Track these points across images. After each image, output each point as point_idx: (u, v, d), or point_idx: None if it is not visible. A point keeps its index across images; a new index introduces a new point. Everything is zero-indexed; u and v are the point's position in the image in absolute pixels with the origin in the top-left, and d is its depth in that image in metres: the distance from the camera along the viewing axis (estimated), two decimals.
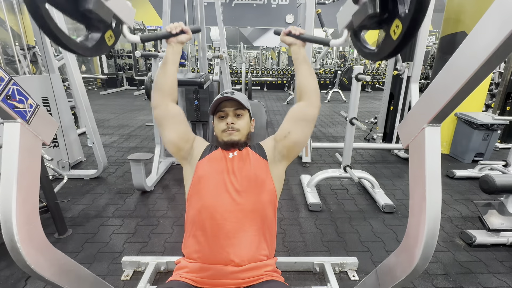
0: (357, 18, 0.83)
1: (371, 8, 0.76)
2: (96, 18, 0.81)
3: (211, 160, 1.03)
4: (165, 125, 1.04)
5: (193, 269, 0.90)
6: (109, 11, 0.84)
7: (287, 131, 1.04)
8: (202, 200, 0.95)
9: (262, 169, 1.01)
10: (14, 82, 0.69)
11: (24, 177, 0.71)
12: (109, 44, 0.92)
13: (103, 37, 0.89)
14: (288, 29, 1.04)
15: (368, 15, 0.76)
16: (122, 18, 0.91)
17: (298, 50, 1.05)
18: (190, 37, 1.05)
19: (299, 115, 1.04)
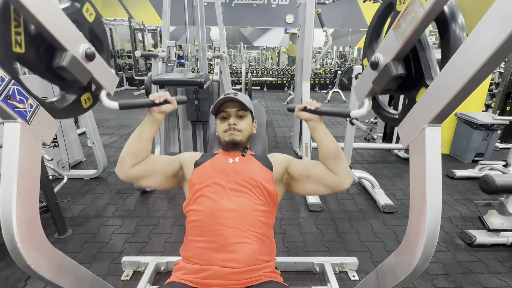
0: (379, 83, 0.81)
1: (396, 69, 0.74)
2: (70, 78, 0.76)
3: (211, 164, 1.02)
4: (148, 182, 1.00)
5: (191, 271, 0.89)
6: (86, 73, 0.79)
7: (305, 175, 1.00)
8: (201, 205, 0.94)
9: (265, 177, 1.00)
10: (15, 82, 0.69)
11: (24, 177, 0.71)
12: (85, 106, 0.87)
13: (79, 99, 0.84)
14: (303, 105, 0.99)
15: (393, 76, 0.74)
16: (102, 83, 0.86)
17: (318, 126, 0.98)
18: (175, 107, 1.00)
19: (326, 183, 0.97)
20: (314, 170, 1.00)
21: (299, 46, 3.41)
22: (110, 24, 8.81)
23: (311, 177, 1.00)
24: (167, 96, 0.98)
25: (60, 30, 0.72)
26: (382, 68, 0.78)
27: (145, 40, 9.69)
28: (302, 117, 1.00)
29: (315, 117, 0.98)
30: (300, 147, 3.42)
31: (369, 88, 0.86)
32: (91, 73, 0.81)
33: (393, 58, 0.75)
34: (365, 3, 4.00)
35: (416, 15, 0.67)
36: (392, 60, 0.75)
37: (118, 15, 9.46)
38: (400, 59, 0.75)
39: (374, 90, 0.85)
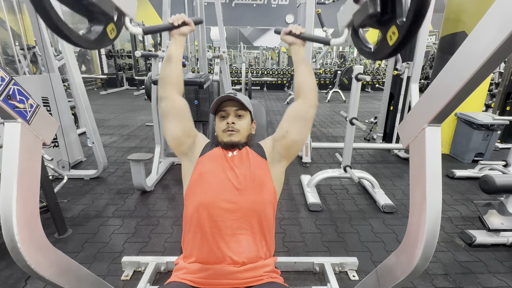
0: (357, 17, 0.84)
1: (371, 7, 0.77)
2: (98, 10, 0.81)
3: (210, 158, 1.03)
4: (169, 117, 1.04)
5: (191, 270, 0.90)
6: (111, 4, 0.84)
7: (285, 131, 1.04)
8: (201, 197, 0.94)
9: (262, 168, 1.01)
10: (15, 82, 0.69)
11: (24, 177, 0.71)
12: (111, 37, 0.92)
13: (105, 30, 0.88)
14: (288, 28, 1.04)
15: (369, 14, 0.77)
16: (124, 11, 0.91)
17: (298, 49, 1.05)
18: (192, 28, 1.05)
19: (297, 114, 1.04)
20: (287, 120, 1.05)
21: None
22: None
23: (289, 128, 1.04)
24: (184, 18, 1.02)
25: None
26: (362, 3, 0.81)
27: (145, 40, 9.70)
28: (287, 40, 1.05)
29: (298, 41, 1.04)
30: None
31: (349, 19, 0.89)
32: (115, 3, 0.86)
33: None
34: None
35: None
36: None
37: None
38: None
39: (353, 22, 0.89)
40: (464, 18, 3.09)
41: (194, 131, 1.10)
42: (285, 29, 1.05)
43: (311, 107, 1.04)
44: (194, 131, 1.10)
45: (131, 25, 0.94)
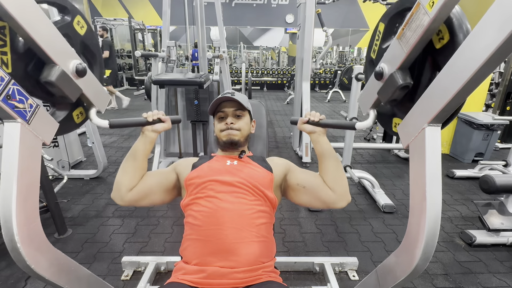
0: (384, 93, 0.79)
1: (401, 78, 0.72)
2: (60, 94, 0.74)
3: (208, 166, 1.02)
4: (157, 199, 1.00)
5: (190, 271, 0.89)
6: (76, 89, 0.77)
7: (302, 186, 0.99)
8: (199, 206, 0.93)
9: (264, 180, 0.99)
10: (14, 82, 0.69)
11: (24, 177, 0.71)
12: (77, 122, 0.85)
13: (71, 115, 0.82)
14: (306, 118, 0.97)
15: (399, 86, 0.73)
16: (92, 101, 0.83)
17: (321, 139, 0.97)
18: (168, 127, 1.00)
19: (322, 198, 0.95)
20: (312, 182, 0.98)
21: (299, 46, 3.41)
22: (110, 24, 8.81)
23: (307, 188, 0.98)
24: (161, 115, 0.98)
25: (51, 44, 0.71)
26: (387, 78, 0.77)
27: (145, 40, 9.70)
28: (305, 130, 0.99)
29: (318, 129, 0.97)
30: (300, 147, 3.42)
31: (374, 98, 0.84)
32: (82, 89, 0.79)
33: (398, 68, 0.74)
34: (365, 3, 4.00)
35: (421, 22, 0.66)
36: (397, 69, 0.74)
37: (118, 15, 9.47)
38: (405, 68, 0.74)
39: (379, 101, 0.83)
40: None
41: (171, 175, 1.04)
42: (302, 119, 0.98)
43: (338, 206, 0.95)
44: (172, 175, 1.04)
45: (96, 118, 0.87)
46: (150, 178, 1.00)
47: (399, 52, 0.73)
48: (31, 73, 0.73)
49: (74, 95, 0.78)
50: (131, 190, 0.95)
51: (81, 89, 0.79)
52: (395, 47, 0.75)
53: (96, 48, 0.93)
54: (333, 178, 0.95)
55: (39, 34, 0.68)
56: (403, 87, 0.73)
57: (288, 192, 1.04)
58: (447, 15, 0.65)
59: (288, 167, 1.06)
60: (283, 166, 1.06)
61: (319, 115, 0.97)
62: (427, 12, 0.64)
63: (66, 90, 0.74)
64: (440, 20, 0.65)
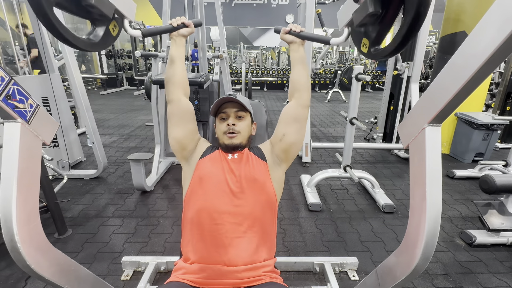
0: (357, 16, 0.84)
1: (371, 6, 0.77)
2: (98, 13, 0.83)
3: (211, 160, 1.03)
4: (175, 120, 1.04)
5: (191, 270, 0.89)
6: (110, 5, 0.85)
7: (281, 134, 1.04)
8: (201, 200, 0.94)
9: (262, 171, 1.01)
10: (15, 82, 0.69)
11: (24, 177, 0.71)
12: (114, 34, 0.94)
13: (108, 29, 0.91)
14: (288, 27, 1.04)
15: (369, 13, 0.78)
16: (123, 13, 0.92)
17: (297, 48, 1.05)
18: (192, 30, 1.06)
19: (293, 116, 1.05)
20: (283, 123, 1.06)
21: None
22: None
23: (287, 131, 1.04)
24: (184, 20, 1.03)
25: None
26: (362, 2, 0.81)
27: (145, 40, 9.69)
28: (287, 40, 1.05)
29: (298, 40, 1.04)
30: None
31: (349, 18, 0.89)
32: (114, 5, 0.87)
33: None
34: None
35: None
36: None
37: None
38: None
39: (353, 21, 0.89)
40: (464, 18, 3.09)
41: (197, 135, 1.10)
42: (285, 28, 1.05)
43: (303, 108, 1.05)
44: (197, 136, 1.10)
45: (130, 28, 0.95)
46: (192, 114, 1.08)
47: None
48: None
49: (110, 11, 0.86)
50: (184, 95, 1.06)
51: (114, 5, 0.87)
52: None
53: None
54: (299, 76, 1.06)
55: None
56: (372, 14, 0.79)
57: (282, 150, 1.05)
58: None
59: (269, 142, 1.11)
60: (268, 146, 1.10)
61: (300, 27, 1.04)
62: None
63: (103, 8, 0.83)
64: None
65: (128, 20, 0.95)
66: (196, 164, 1.03)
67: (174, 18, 1.03)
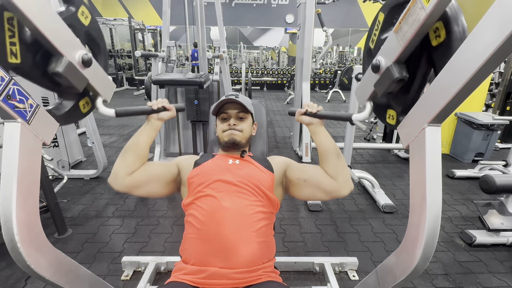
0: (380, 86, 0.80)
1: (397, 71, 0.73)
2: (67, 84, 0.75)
3: (209, 165, 1.02)
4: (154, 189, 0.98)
5: (190, 271, 0.89)
6: (83, 79, 0.78)
7: (303, 179, 0.98)
8: (200, 204, 0.93)
9: (266, 180, 0.99)
10: (15, 82, 0.69)
11: (24, 177, 0.71)
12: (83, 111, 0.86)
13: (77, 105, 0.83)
14: (303, 109, 0.98)
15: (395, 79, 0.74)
16: (97, 89, 0.85)
17: (318, 130, 0.98)
18: (173, 115, 1.01)
19: (324, 188, 0.95)
20: (312, 174, 0.98)
21: (299, 46, 3.41)
22: (110, 24, 8.81)
23: (308, 181, 0.98)
24: (165, 103, 0.98)
25: (57, 35, 0.71)
26: (383, 71, 0.78)
27: (145, 40, 9.69)
28: (303, 121, 1.00)
29: (316, 120, 0.98)
30: (300, 147, 3.42)
31: (370, 91, 0.85)
32: (88, 79, 0.80)
33: (394, 61, 0.75)
34: (365, 3, 4.00)
35: (417, 17, 0.66)
36: (393, 62, 0.75)
37: (118, 15, 9.46)
38: (401, 62, 0.75)
39: (375, 93, 0.84)
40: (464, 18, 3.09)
41: (173, 168, 1.03)
42: (300, 110, 0.99)
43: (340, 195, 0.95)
44: (173, 168, 1.03)
45: (103, 107, 0.88)
46: (151, 167, 0.99)
47: (395, 46, 0.74)
48: (39, 63, 0.73)
49: (81, 85, 0.79)
50: (129, 175, 0.93)
51: (87, 79, 0.79)
52: (392, 41, 0.76)
53: (100, 39, 0.94)
54: (334, 166, 0.95)
55: (45, 25, 0.68)
56: (399, 80, 0.74)
57: (290, 188, 1.04)
58: (443, 10, 0.65)
59: (288, 164, 1.07)
60: (282, 163, 1.07)
61: (316, 106, 0.98)
62: (424, 6, 0.64)
63: (73, 80, 0.75)
64: (436, 15, 0.65)
65: (102, 99, 0.88)
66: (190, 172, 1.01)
67: (155, 100, 0.98)
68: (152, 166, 1.00)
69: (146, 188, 0.96)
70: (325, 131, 0.99)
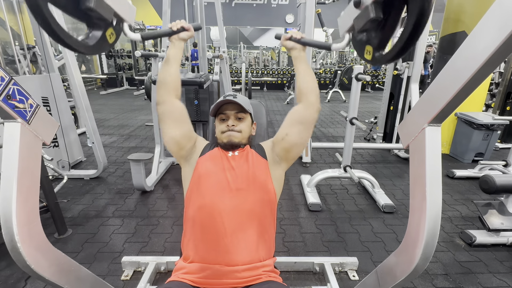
0: (358, 21, 0.83)
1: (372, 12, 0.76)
2: (97, 16, 0.81)
3: (210, 158, 1.03)
4: (168, 122, 1.03)
5: (191, 270, 0.90)
6: (109, 9, 0.83)
7: (284, 133, 1.03)
8: (201, 198, 0.94)
9: (262, 169, 1.01)
10: (15, 82, 0.69)
11: (24, 177, 0.71)
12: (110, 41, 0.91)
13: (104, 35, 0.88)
14: (289, 34, 1.04)
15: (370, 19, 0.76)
16: (123, 16, 0.90)
17: (299, 54, 1.05)
18: (192, 34, 1.06)
19: (297, 118, 1.03)
20: (286, 122, 1.05)
21: None
22: None
23: (288, 128, 1.03)
24: (184, 23, 1.03)
25: None
26: (363, 7, 0.80)
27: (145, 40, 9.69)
28: (288, 46, 1.05)
29: (299, 46, 1.04)
30: None
31: (350, 24, 0.88)
32: (113, 8, 0.85)
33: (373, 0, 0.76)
34: None
35: None
36: (372, 1, 0.76)
37: None
38: (379, 2, 0.76)
39: (354, 27, 0.88)
40: (464, 18, 3.09)
41: (194, 134, 1.10)
42: (286, 35, 1.05)
43: (312, 111, 1.02)
44: (194, 134, 1.10)
45: (130, 31, 0.94)
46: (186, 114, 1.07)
47: None
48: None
49: (109, 15, 0.84)
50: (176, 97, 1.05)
51: (113, 8, 0.85)
52: None
53: None
54: (306, 81, 1.04)
55: None
56: (374, 20, 0.77)
57: (283, 149, 1.05)
58: None
59: (271, 140, 1.11)
60: (269, 144, 1.10)
61: (300, 33, 1.04)
62: None
63: (102, 12, 0.80)
64: None
65: (128, 24, 0.94)
66: (196, 162, 1.03)
67: (173, 22, 1.03)
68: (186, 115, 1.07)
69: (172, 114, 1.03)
70: (305, 57, 1.07)
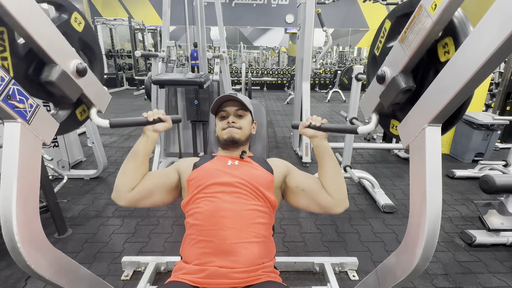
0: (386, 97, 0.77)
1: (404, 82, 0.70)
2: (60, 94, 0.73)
3: (210, 167, 1.01)
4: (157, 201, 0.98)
5: (190, 271, 0.89)
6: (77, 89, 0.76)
7: (301, 189, 0.98)
8: (200, 206, 0.93)
9: (265, 181, 0.99)
10: (15, 82, 0.69)
11: (24, 177, 0.71)
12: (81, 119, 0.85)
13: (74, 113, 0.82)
14: (307, 122, 0.97)
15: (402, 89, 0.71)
16: (92, 100, 0.83)
17: (321, 143, 0.97)
18: (169, 126, 1.00)
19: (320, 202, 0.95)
20: (311, 185, 0.98)
21: (299, 46, 3.41)
22: (110, 24, 8.81)
23: (306, 192, 0.98)
24: (161, 114, 0.97)
25: (51, 44, 0.71)
26: (389, 81, 0.76)
27: (145, 40, 9.70)
28: (307, 134, 0.99)
29: (320, 133, 0.97)
30: (300, 147, 3.42)
31: (376, 102, 0.83)
32: (82, 89, 0.78)
33: (400, 71, 0.73)
34: (365, 3, 4.00)
35: (423, 25, 0.65)
36: (399, 72, 0.73)
37: (118, 15, 9.46)
38: (407, 72, 0.73)
39: (381, 105, 0.82)
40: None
41: (173, 174, 1.03)
42: (304, 123, 0.98)
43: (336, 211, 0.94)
44: (174, 174, 1.03)
45: (97, 117, 0.87)
46: (151, 178, 0.99)
47: (401, 56, 0.72)
48: (32, 75, 0.73)
49: (75, 95, 0.77)
50: (132, 190, 0.95)
51: (81, 88, 0.78)
52: (397, 50, 0.74)
53: (96, 45, 0.92)
54: (332, 182, 0.95)
55: (39, 33, 0.68)
56: (406, 90, 0.72)
57: (288, 194, 1.04)
58: (450, 18, 0.64)
59: (288, 169, 1.06)
60: (283, 168, 1.06)
61: (320, 119, 0.97)
62: (430, 14, 0.63)
63: (66, 90, 0.73)
64: (442, 23, 0.64)
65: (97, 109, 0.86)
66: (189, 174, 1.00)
67: (151, 111, 0.96)
68: (153, 177, 1.00)
69: (150, 199, 0.97)
70: (328, 146, 0.98)
